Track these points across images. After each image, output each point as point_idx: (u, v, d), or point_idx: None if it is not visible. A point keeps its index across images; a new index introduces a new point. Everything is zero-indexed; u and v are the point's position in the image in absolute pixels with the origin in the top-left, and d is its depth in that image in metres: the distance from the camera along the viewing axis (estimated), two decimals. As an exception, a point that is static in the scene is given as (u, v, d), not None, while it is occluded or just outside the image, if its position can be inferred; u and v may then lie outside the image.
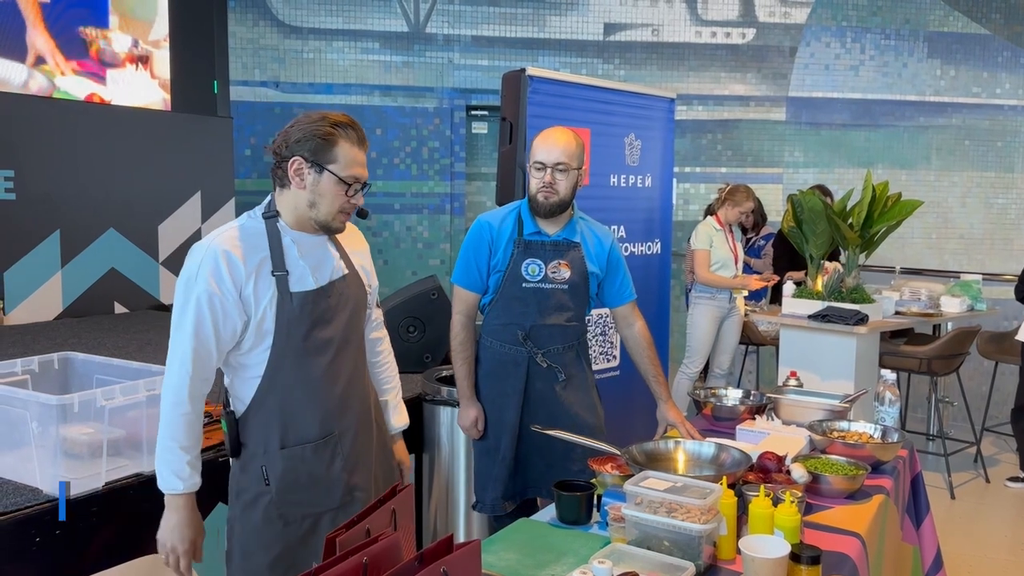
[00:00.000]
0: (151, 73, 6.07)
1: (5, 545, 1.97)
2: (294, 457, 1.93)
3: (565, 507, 2.00)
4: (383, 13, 7.13)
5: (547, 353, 2.63)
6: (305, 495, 1.94)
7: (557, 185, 2.55)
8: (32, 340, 4.23)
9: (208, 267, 1.83)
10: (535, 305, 2.61)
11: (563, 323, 2.64)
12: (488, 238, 2.64)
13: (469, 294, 2.69)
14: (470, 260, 2.67)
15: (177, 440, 1.84)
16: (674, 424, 2.59)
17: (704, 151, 7.42)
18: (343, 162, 1.89)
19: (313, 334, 1.92)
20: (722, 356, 5.21)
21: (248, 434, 1.93)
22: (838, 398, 2.75)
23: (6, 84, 5.15)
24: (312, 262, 1.94)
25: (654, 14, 7.32)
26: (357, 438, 2.03)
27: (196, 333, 1.82)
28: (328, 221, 1.93)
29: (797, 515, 1.78)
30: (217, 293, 1.82)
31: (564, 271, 2.62)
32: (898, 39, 7.47)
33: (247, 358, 1.91)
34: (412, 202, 7.24)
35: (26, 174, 4.83)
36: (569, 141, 2.57)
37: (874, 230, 4.40)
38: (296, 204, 1.92)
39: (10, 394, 2.14)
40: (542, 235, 2.63)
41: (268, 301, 1.87)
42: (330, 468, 1.97)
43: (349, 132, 1.90)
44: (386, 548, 1.15)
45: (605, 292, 2.74)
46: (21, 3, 5.32)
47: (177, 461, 1.84)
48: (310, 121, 1.90)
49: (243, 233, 1.90)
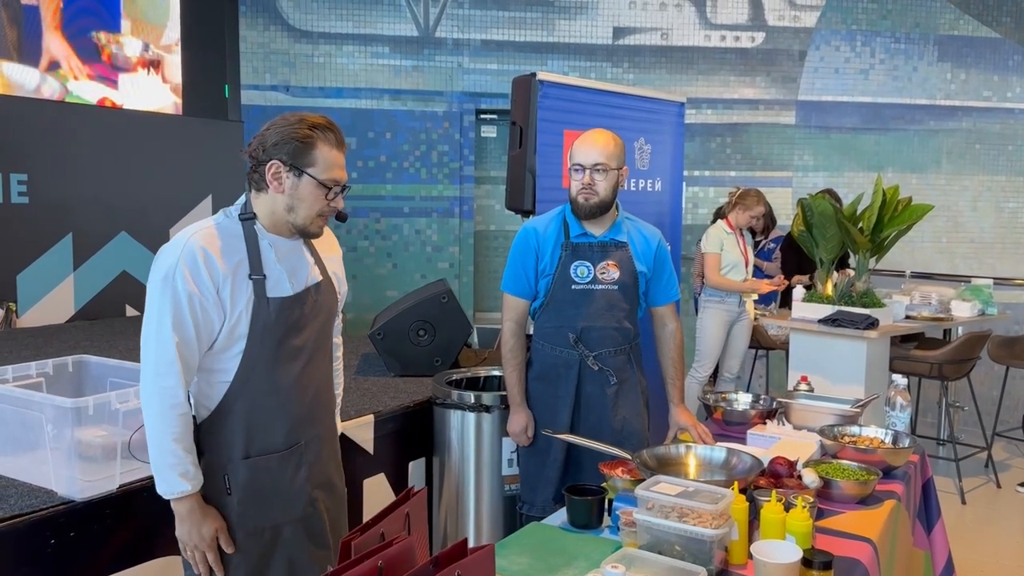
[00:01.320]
0: (162, 77, 6.10)
1: (20, 547, 1.99)
2: (258, 467, 1.88)
3: (576, 511, 2.01)
4: (393, 18, 7.15)
5: (599, 356, 2.64)
6: (267, 506, 1.90)
7: (596, 186, 2.55)
8: (44, 343, 4.26)
9: (187, 264, 1.78)
10: (585, 307, 2.62)
11: (615, 325, 2.65)
12: (534, 244, 2.65)
13: (519, 301, 2.70)
14: (518, 267, 2.68)
15: (181, 442, 1.79)
16: (686, 428, 2.59)
17: (713, 155, 7.42)
18: (322, 165, 1.85)
19: (286, 341, 1.88)
20: (732, 360, 5.20)
21: (209, 440, 1.88)
22: (849, 403, 2.75)
23: (20, 88, 5.19)
24: (289, 267, 1.91)
25: (663, 18, 7.33)
26: (323, 448, 1.99)
27: (179, 333, 1.77)
28: (306, 225, 1.90)
29: (809, 520, 1.78)
30: (196, 293, 1.78)
31: (613, 272, 2.63)
32: (908, 43, 7.45)
33: (217, 361, 1.86)
34: (421, 206, 7.25)
35: (39, 178, 4.87)
36: (607, 142, 2.58)
37: (884, 234, 4.38)
38: (274, 208, 1.88)
39: (26, 397, 2.16)
40: (589, 237, 2.64)
41: (244, 305, 1.83)
42: (294, 479, 1.93)
43: (328, 135, 1.86)
44: (401, 552, 1.16)
45: (652, 290, 2.75)
46: (42, 8, 5.37)
47: (181, 463, 1.79)
48: (287, 124, 1.86)
49: (220, 232, 1.85)
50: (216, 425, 1.88)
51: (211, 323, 1.82)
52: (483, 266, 7.54)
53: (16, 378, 2.37)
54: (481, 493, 3.02)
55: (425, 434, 3.18)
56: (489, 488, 3.02)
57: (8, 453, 2.27)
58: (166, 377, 1.79)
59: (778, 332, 5.39)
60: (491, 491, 3.02)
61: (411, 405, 3.17)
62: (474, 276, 7.40)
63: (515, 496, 3.02)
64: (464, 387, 3.22)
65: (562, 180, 3.78)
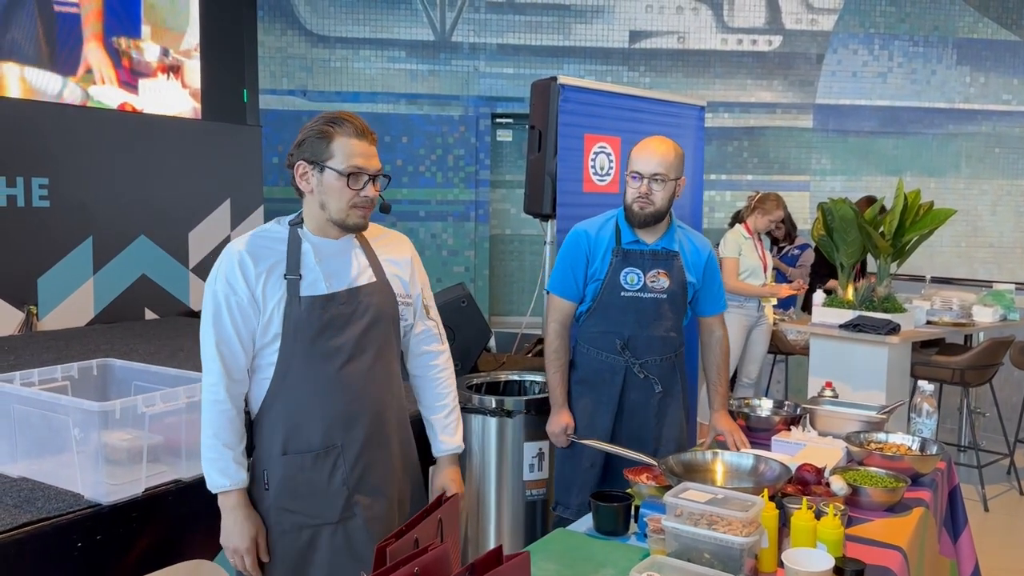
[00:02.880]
0: (182, 82, 6.13)
1: (47, 550, 1.99)
2: (293, 465, 1.92)
3: (603, 518, 1.99)
4: (409, 22, 7.17)
5: (645, 364, 2.63)
6: (302, 504, 1.92)
7: (653, 196, 2.54)
8: (65, 346, 4.28)
9: (224, 270, 1.89)
10: (633, 314, 2.61)
11: (662, 334, 2.64)
12: (586, 247, 2.64)
13: (565, 303, 2.69)
14: (567, 269, 2.66)
15: (220, 437, 1.86)
16: (723, 433, 2.58)
17: (730, 158, 7.39)
18: (340, 156, 1.88)
19: (322, 339, 1.91)
20: (750, 365, 5.17)
21: (256, 437, 1.95)
22: (874, 409, 2.72)
23: (42, 94, 5.23)
24: (329, 268, 1.94)
25: (680, 21, 7.31)
26: (364, 453, 1.98)
27: (217, 332, 1.87)
28: (342, 219, 1.92)
29: (841, 528, 1.76)
30: (233, 294, 1.87)
31: (663, 280, 2.61)
32: (927, 46, 7.40)
33: (259, 359, 1.93)
34: (437, 209, 7.26)
35: (60, 182, 4.90)
36: (668, 152, 2.55)
37: (906, 239, 4.36)
38: (313, 210, 1.94)
39: (52, 400, 2.16)
40: (640, 244, 2.62)
41: (276, 303, 1.89)
42: (331, 480, 1.94)
43: (345, 125, 1.89)
44: (436, 559, 1.15)
45: (700, 301, 2.74)
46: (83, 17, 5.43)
47: (222, 458, 1.86)
48: (309, 124, 1.93)
49: (263, 236, 1.95)
50: (260, 422, 1.95)
51: (249, 321, 1.89)
52: (498, 270, 7.53)
53: (42, 381, 2.37)
54: (503, 498, 3.01)
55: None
56: (511, 493, 3.00)
57: (35, 456, 2.27)
58: (208, 375, 1.88)
59: (797, 337, 5.36)
60: (513, 496, 3.00)
61: (432, 409, 3.16)
62: (489, 280, 7.40)
63: (537, 501, 3.01)
64: (485, 392, 3.21)
65: (583, 184, 3.76)
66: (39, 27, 5.22)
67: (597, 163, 3.84)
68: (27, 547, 1.95)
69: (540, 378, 3.26)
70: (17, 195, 4.71)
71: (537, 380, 3.29)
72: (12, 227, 4.68)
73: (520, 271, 7.56)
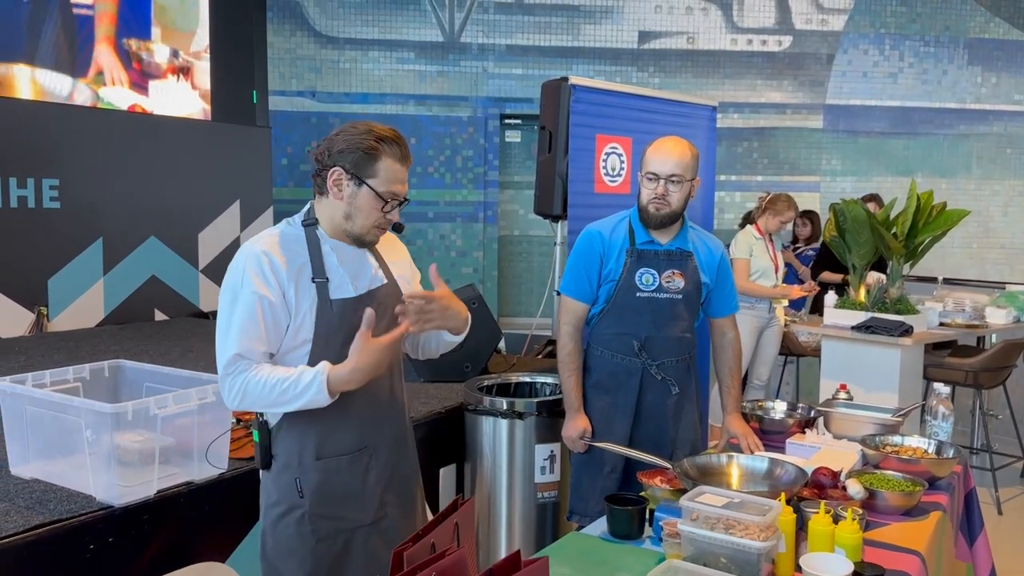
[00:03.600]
0: (192, 84, 6.14)
1: (60, 552, 1.99)
2: (329, 469, 1.90)
3: (617, 521, 1.98)
4: (418, 23, 7.17)
5: (661, 365, 2.61)
6: (339, 509, 1.91)
7: (670, 197, 2.52)
8: (75, 347, 4.29)
9: (252, 270, 1.82)
10: (649, 315, 2.58)
11: (678, 335, 2.62)
12: (600, 248, 2.61)
13: (578, 305, 2.66)
14: (580, 270, 2.63)
15: (270, 387, 1.78)
16: (736, 436, 2.56)
17: (740, 159, 7.36)
18: (383, 177, 1.86)
19: (351, 342, 1.87)
20: (761, 367, 5.14)
21: (281, 445, 1.90)
22: (890, 412, 2.70)
23: (52, 95, 5.24)
24: (351, 270, 1.93)
25: (689, 22, 7.29)
26: (392, 452, 2.00)
27: (243, 336, 1.79)
28: (362, 235, 1.92)
29: (859, 532, 1.74)
30: (266, 295, 1.81)
31: (678, 281, 2.59)
32: (938, 46, 7.36)
33: (284, 364, 1.87)
34: (445, 211, 7.25)
35: (71, 183, 4.91)
36: (684, 153, 2.53)
37: (919, 240, 4.32)
38: (333, 214, 1.91)
39: (65, 402, 2.16)
40: (655, 244, 2.60)
41: (308, 307, 1.85)
42: (365, 481, 1.94)
43: (393, 148, 1.87)
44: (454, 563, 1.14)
45: (712, 302, 2.71)
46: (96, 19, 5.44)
47: (294, 384, 1.77)
48: (356, 132, 1.87)
49: (283, 238, 1.89)
50: (288, 428, 1.90)
51: (279, 325, 1.84)
52: (507, 271, 7.52)
53: (54, 382, 2.37)
54: (513, 500, 3.00)
55: (456, 440, 3.17)
56: (522, 495, 2.99)
57: (47, 458, 2.27)
58: (229, 378, 1.82)
59: (808, 339, 5.33)
60: (524, 498, 2.99)
61: (442, 411, 3.16)
62: (498, 281, 7.39)
63: (548, 504, 3.00)
64: (495, 393, 3.20)
65: (594, 185, 3.75)
66: (60, 30, 5.24)
67: (608, 164, 3.82)
68: (40, 549, 1.95)
69: (551, 380, 3.24)
70: (28, 196, 4.72)
71: (548, 382, 3.28)
72: (23, 228, 4.70)
73: (528, 272, 7.55)
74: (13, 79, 5.03)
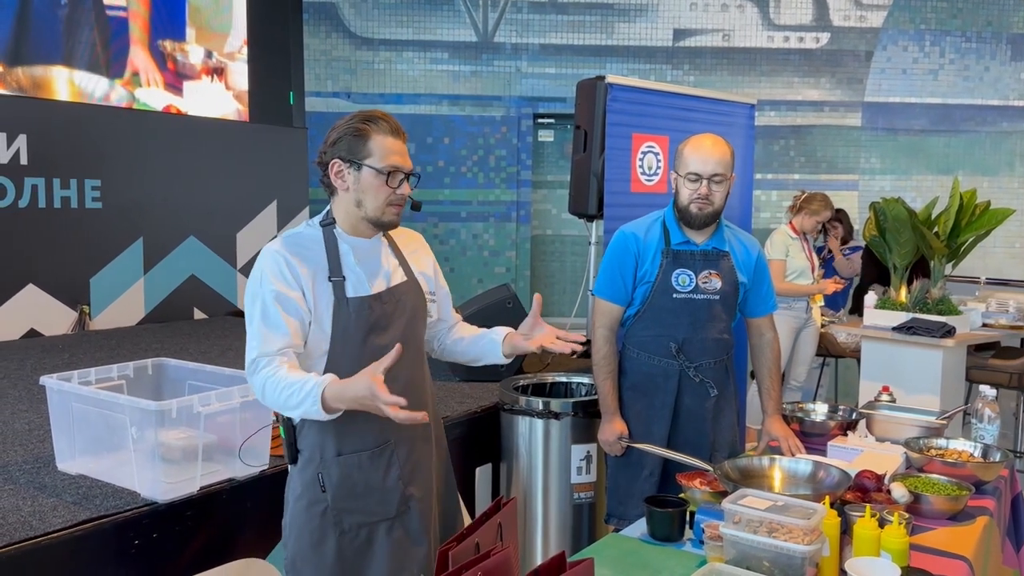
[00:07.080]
0: (225, 84, 6.21)
1: (105, 547, 2.02)
2: (350, 464, 1.91)
3: (658, 523, 1.96)
4: (452, 23, 7.19)
5: (699, 367, 2.58)
6: (361, 503, 1.93)
7: (713, 196, 2.49)
8: (116, 345, 4.36)
9: (271, 270, 1.85)
10: (687, 316, 2.55)
11: (716, 336, 2.59)
12: (635, 249, 2.58)
13: (613, 307, 2.63)
14: (615, 272, 2.61)
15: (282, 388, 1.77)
16: (777, 438, 2.52)
17: (776, 157, 7.28)
18: (378, 154, 1.89)
19: (370, 340, 1.91)
20: (798, 368, 5.08)
21: (305, 440, 1.93)
22: (934, 414, 2.65)
23: (89, 96, 5.33)
24: (368, 268, 1.94)
25: (725, 19, 7.22)
26: (414, 448, 2.00)
27: (264, 336, 1.81)
28: (378, 216, 1.93)
29: (906, 537, 1.72)
30: (284, 292, 1.84)
31: (715, 281, 2.56)
32: (979, 42, 7.22)
33: (305, 363, 1.89)
34: (479, 210, 7.27)
35: (112, 184, 4.99)
36: (724, 151, 2.51)
37: (961, 239, 4.24)
38: (347, 208, 1.93)
39: (110, 399, 2.19)
40: (691, 244, 2.57)
41: (325, 306, 1.88)
42: (386, 477, 1.95)
43: (381, 124, 1.90)
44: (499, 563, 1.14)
45: (750, 302, 2.68)
46: (131, 21, 5.54)
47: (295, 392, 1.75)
48: (343, 121, 1.92)
49: (301, 239, 1.93)
50: (310, 424, 1.91)
51: (302, 320, 1.86)
52: (540, 270, 7.52)
53: (99, 380, 2.41)
54: (549, 500, 2.99)
55: (492, 440, 3.17)
56: (557, 495, 2.98)
57: (92, 454, 2.31)
58: (252, 377, 1.84)
59: (847, 339, 5.25)
60: (560, 499, 2.98)
61: (478, 411, 3.16)
62: (531, 280, 7.39)
63: (584, 504, 2.99)
64: (531, 393, 3.19)
65: (630, 184, 3.73)
66: (96, 33, 5.33)
67: (645, 163, 3.80)
68: (86, 544, 1.99)
69: (587, 380, 3.23)
70: (71, 196, 4.81)
71: (584, 382, 3.27)
72: (66, 228, 4.79)
73: (561, 272, 7.54)
74: (52, 81, 5.12)
